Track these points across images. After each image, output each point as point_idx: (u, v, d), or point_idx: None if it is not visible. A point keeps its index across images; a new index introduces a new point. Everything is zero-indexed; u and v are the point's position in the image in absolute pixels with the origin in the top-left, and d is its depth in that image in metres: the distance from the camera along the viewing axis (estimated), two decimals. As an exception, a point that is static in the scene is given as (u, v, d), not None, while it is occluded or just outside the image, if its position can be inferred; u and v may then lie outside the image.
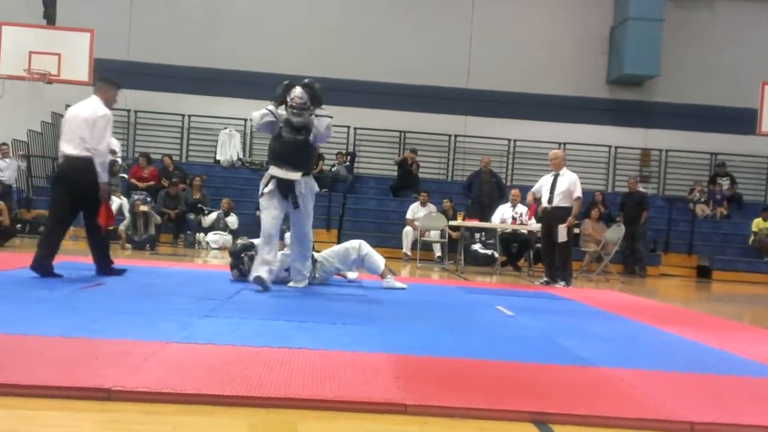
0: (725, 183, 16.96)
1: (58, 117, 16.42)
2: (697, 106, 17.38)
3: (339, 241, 15.05)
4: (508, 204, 12.56)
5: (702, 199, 16.62)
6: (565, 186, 9.46)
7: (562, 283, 9.48)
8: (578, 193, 9.57)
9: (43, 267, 6.38)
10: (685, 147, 17.48)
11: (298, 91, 6.56)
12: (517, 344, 4.52)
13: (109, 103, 6.97)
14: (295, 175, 6.58)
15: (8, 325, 4.00)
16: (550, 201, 9.49)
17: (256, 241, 7.05)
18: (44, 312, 4.57)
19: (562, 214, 9.46)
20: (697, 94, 17.39)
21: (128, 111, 16.86)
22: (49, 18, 14.19)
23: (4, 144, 14.78)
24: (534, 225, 12.22)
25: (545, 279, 9.77)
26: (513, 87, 17.35)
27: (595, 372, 3.72)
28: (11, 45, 12.97)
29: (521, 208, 12.33)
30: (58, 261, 6.61)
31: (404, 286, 7.43)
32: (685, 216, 16.20)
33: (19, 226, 13.28)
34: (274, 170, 6.61)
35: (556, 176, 9.57)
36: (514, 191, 12.69)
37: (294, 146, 6.58)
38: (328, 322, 4.82)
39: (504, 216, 12.40)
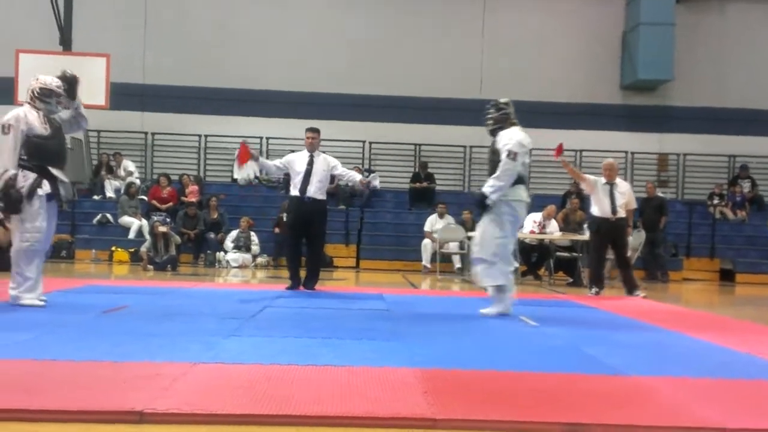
0: (746, 185, 16.82)
1: (76, 141, 16.63)
2: (713, 109, 17.27)
3: (358, 257, 15.12)
4: (540, 215, 12.50)
5: (723, 202, 16.47)
6: (626, 198, 9.36)
7: (640, 293, 9.29)
8: (635, 204, 9.61)
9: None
10: (702, 150, 17.34)
11: None
12: (544, 354, 4.49)
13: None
14: None
15: (36, 351, 4.03)
16: (614, 212, 9.26)
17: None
18: (70, 337, 4.60)
19: (624, 224, 9.37)
20: (713, 97, 17.29)
21: (145, 133, 17.03)
22: (66, 44, 14.38)
23: None
24: (556, 234, 12.18)
25: (596, 289, 9.40)
26: (526, 96, 17.20)
27: (624, 381, 3.69)
28: (28, 72, 13.03)
29: (553, 225, 12.33)
30: (79, 285, 6.65)
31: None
32: (706, 219, 16.06)
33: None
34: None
35: (611, 186, 9.34)
36: (550, 207, 12.64)
37: None
38: (352, 338, 4.81)
39: (534, 225, 12.39)
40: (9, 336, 4.43)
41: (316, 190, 8.30)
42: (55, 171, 6.00)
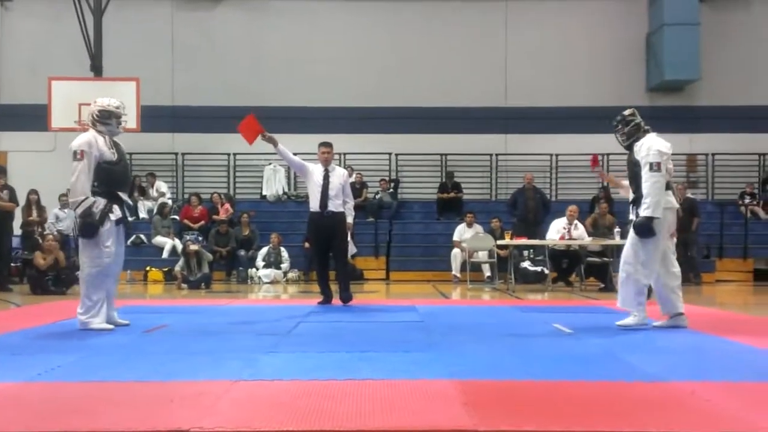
0: (779, 183, 16.60)
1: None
2: (741, 108, 17.09)
3: (388, 269, 15.19)
4: (565, 219, 12.43)
5: (754, 201, 16.25)
6: None
7: None
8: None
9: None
10: (731, 149, 17.14)
11: None
12: (581, 362, 4.49)
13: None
14: None
15: (82, 373, 4.14)
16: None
17: None
18: (115, 357, 4.70)
19: None
20: (740, 96, 17.12)
21: (175, 154, 17.30)
22: (96, 70, 14.66)
23: (63, 195, 15.27)
24: (587, 239, 12.11)
25: None
26: (551, 101, 17.29)
27: (664, 387, 3.69)
28: (61, 98, 13.40)
29: (580, 229, 12.23)
30: (117, 306, 6.76)
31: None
32: (738, 219, 15.86)
33: (78, 273, 13.63)
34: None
35: None
36: (572, 207, 12.58)
37: None
38: (388, 351, 4.85)
39: (560, 232, 12.31)
40: (55, 358, 4.54)
41: (334, 203, 8.48)
42: (123, 195, 6.12)
